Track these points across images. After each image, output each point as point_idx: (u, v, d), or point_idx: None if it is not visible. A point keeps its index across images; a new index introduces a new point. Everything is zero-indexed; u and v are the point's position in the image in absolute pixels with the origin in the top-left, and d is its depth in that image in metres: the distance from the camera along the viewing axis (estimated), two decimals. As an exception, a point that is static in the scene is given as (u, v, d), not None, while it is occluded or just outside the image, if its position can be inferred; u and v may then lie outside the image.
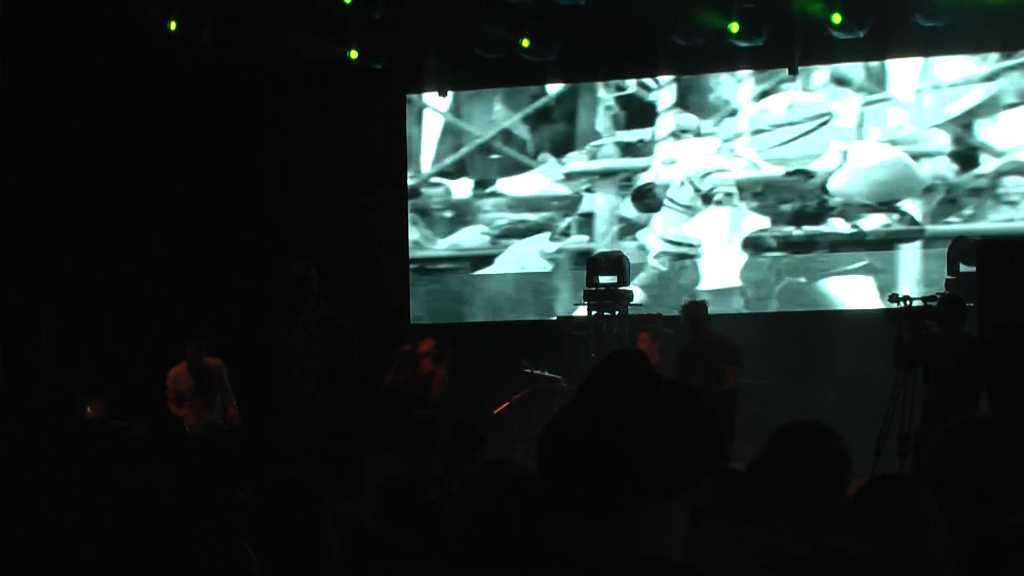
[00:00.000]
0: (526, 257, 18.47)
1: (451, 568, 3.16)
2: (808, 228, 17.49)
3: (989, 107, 17.04)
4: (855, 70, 17.42)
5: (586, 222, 18.28)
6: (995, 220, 16.87)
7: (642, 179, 18.10)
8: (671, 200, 17.99)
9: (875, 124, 17.34)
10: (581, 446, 2.49)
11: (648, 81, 18.17)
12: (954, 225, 16.83)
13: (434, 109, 18.90)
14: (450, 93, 18.74)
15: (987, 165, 17.00)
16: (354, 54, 17.26)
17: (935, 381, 11.81)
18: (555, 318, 17.29)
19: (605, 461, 2.46)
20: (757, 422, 14.66)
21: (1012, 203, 16.92)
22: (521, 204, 18.57)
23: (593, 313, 16.30)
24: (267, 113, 17.99)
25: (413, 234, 18.74)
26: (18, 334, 15.67)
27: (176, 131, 17.25)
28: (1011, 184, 16.89)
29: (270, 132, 18.11)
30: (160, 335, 15.44)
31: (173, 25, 16.42)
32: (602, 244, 17.89)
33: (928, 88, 17.24)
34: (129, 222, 16.97)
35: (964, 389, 11.48)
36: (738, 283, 17.68)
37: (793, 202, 17.52)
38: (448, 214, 18.84)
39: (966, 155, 17.07)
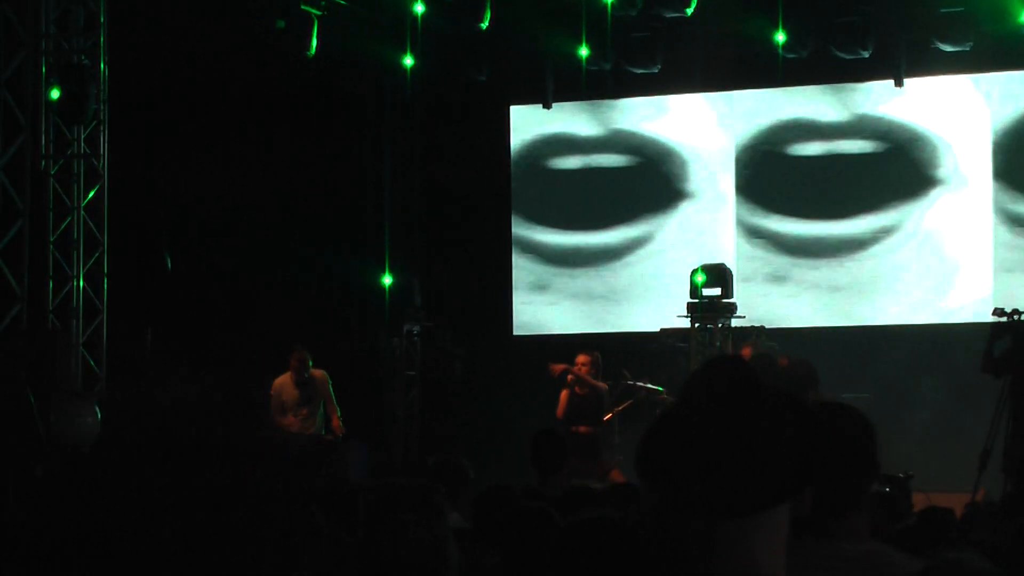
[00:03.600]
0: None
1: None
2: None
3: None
4: None
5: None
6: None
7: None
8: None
9: None
10: (681, 451, 2.45)
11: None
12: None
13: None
14: (553, 105, 18.68)
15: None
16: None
17: (1020, 393, 11.59)
18: (657, 329, 17.16)
19: (706, 467, 2.42)
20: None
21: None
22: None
23: (695, 325, 16.22)
24: (371, 124, 18.07)
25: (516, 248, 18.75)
26: (121, 347, 15.79)
27: (278, 144, 17.35)
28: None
29: (373, 144, 18.19)
30: (265, 346, 15.54)
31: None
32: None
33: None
34: (232, 234, 17.07)
35: None
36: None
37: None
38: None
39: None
